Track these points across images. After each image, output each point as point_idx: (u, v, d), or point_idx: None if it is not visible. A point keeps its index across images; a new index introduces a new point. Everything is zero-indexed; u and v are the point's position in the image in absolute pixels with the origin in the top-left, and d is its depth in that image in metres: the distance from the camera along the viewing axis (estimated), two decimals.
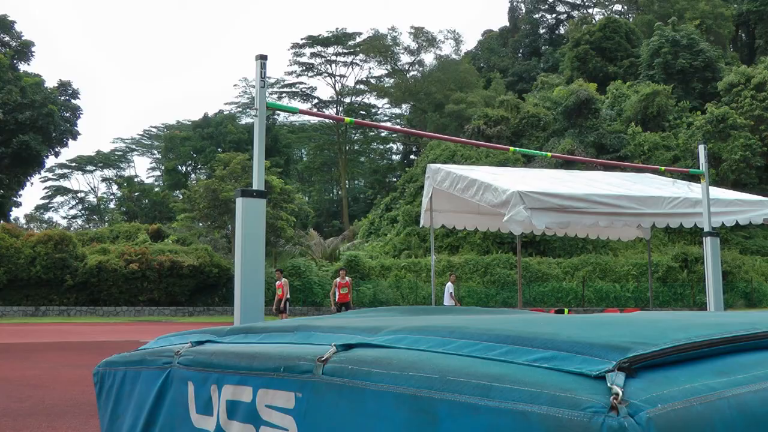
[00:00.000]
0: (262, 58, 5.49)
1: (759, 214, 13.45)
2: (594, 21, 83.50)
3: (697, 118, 57.74)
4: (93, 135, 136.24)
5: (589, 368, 1.51)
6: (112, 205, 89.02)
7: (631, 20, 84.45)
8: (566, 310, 21.25)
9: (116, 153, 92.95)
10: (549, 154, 7.17)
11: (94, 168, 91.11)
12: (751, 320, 2.08)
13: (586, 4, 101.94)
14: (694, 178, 10.41)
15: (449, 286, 25.85)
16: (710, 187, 10.89)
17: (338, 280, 25.48)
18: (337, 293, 25.16)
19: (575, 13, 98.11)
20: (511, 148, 7.57)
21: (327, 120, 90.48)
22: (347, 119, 6.91)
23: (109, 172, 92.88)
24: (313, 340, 2.29)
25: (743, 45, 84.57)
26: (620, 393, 1.40)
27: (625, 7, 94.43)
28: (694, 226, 12.97)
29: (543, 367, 1.60)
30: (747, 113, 55.23)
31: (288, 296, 26.39)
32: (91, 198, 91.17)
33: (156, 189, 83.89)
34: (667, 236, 50.19)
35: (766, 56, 69.25)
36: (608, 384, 1.44)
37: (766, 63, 63.79)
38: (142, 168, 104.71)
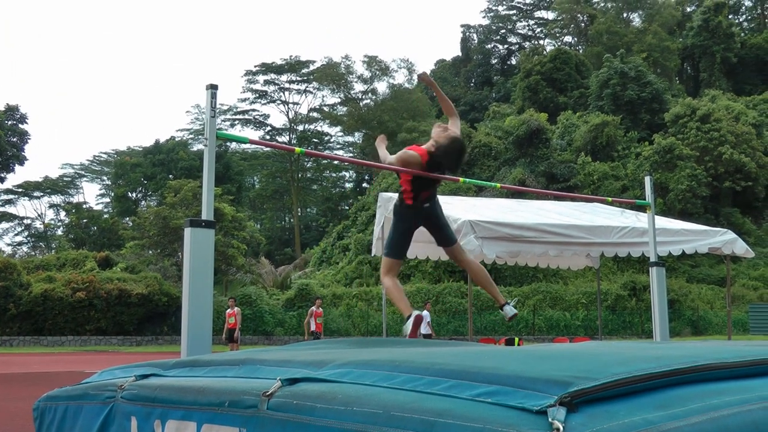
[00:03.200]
0: (213, 88, 5.47)
1: (704, 243, 13.70)
2: (545, 52, 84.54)
3: (645, 149, 58.63)
4: (41, 160, 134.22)
5: (531, 403, 1.53)
6: (59, 232, 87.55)
7: (581, 52, 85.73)
8: (517, 339, 21.33)
9: (65, 179, 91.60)
10: (498, 185, 7.25)
11: (42, 194, 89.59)
12: (692, 353, 2.12)
13: (537, 35, 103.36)
14: (642, 208, 10.58)
15: (426, 315, 25.90)
16: (657, 217, 11.07)
17: (314, 308, 25.42)
18: (312, 322, 25.07)
19: (527, 44, 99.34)
20: (461, 179, 7.63)
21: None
22: (297, 149, 6.89)
23: (57, 198, 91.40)
24: (258, 374, 2.27)
25: (689, 78, 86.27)
26: (561, 428, 1.41)
27: (575, 39, 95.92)
28: (641, 255, 13.14)
29: (486, 402, 1.60)
30: (693, 144, 56.23)
31: (239, 326, 26.09)
32: (38, 224, 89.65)
33: (105, 216, 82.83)
34: (616, 265, 50.73)
35: (711, 89, 70.73)
36: (549, 419, 1.46)
37: (710, 95, 65.12)
38: (92, 194, 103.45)
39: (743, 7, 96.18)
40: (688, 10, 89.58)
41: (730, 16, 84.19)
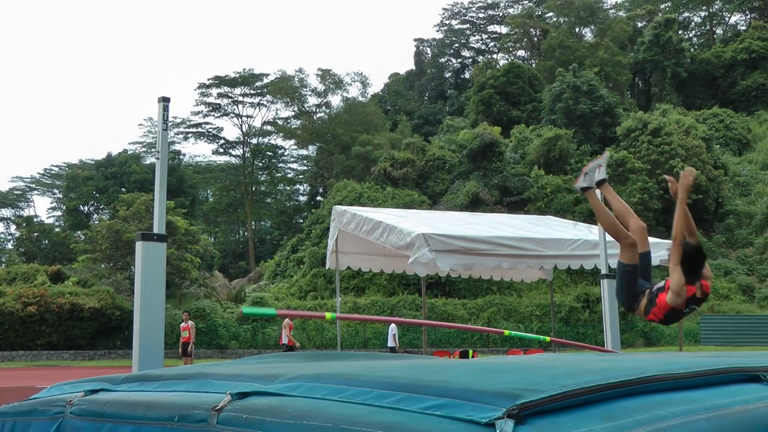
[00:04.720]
0: (165, 101, 5.44)
1: (656, 255, 13.78)
2: (498, 66, 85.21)
3: None
4: None
5: (480, 416, 1.54)
6: (9, 246, 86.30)
7: (534, 66, 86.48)
8: (471, 351, 21.42)
9: (15, 192, 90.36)
10: (548, 338, 7.06)
11: None
12: (639, 365, 2.14)
13: (491, 49, 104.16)
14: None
15: (393, 328, 26.06)
16: None
17: (288, 321, 25.29)
18: (285, 335, 24.99)
19: (480, 58, 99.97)
20: (506, 332, 7.55)
21: (233, 159, 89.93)
22: (328, 315, 6.61)
23: (7, 212, 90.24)
24: (209, 388, 2.26)
25: (640, 92, 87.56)
26: None
27: (528, 53, 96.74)
28: (594, 267, 13.28)
29: (435, 415, 1.61)
30: (644, 158, 56.93)
31: (193, 339, 25.92)
32: None
33: (57, 229, 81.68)
34: (569, 277, 51.09)
35: (661, 103, 71.81)
36: (498, 431, 1.47)
37: (661, 109, 66.07)
38: (43, 208, 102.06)
39: (693, 23, 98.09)
40: (639, 25, 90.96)
41: (680, 32, 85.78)
